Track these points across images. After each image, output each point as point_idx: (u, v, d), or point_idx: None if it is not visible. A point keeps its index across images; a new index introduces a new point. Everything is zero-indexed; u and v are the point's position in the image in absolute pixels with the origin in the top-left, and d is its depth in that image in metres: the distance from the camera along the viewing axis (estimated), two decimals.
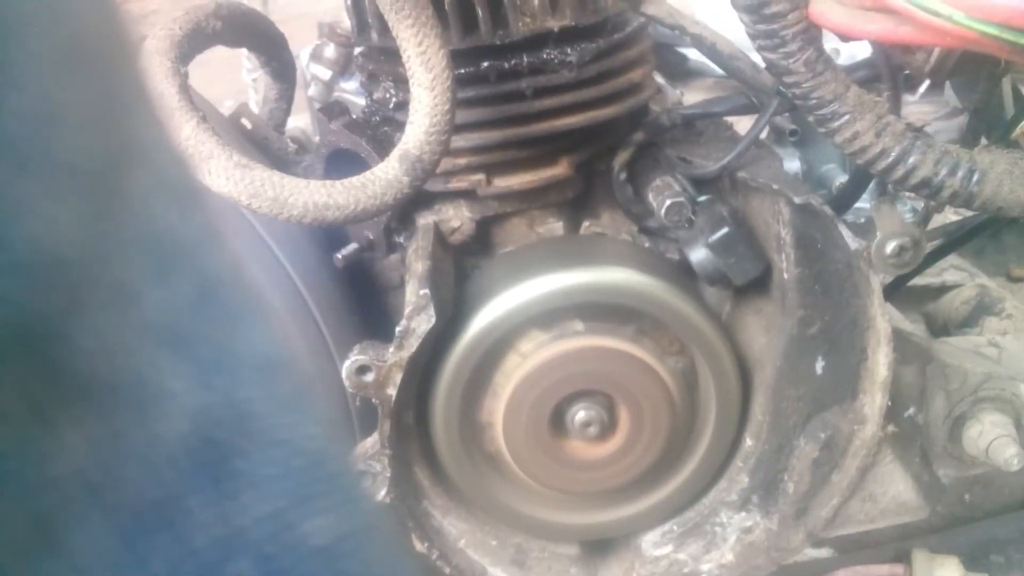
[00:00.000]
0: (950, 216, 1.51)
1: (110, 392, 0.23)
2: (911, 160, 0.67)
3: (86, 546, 0.23)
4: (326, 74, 1.49)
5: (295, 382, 0.28)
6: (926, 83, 1.87)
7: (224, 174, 0.72)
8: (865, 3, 0.61)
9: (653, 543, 1.04)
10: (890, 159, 0.67)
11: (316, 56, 1.50)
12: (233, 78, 2.17)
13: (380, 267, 1.14)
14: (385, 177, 0.75)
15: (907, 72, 0.76)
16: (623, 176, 0.99)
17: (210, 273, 0.26)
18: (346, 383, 0.88)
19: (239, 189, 0.72)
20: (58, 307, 0.21)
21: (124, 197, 0.23)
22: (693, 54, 3.50)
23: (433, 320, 0.86)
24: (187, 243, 0.25)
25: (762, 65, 0.76)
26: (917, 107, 2.12)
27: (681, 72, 3.44)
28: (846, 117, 0.66)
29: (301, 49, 1.56)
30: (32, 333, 0.21)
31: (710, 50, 0.91)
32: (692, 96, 1.31)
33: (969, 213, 1.25)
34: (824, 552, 1.35)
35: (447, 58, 0.75)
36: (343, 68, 1.50)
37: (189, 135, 0.73)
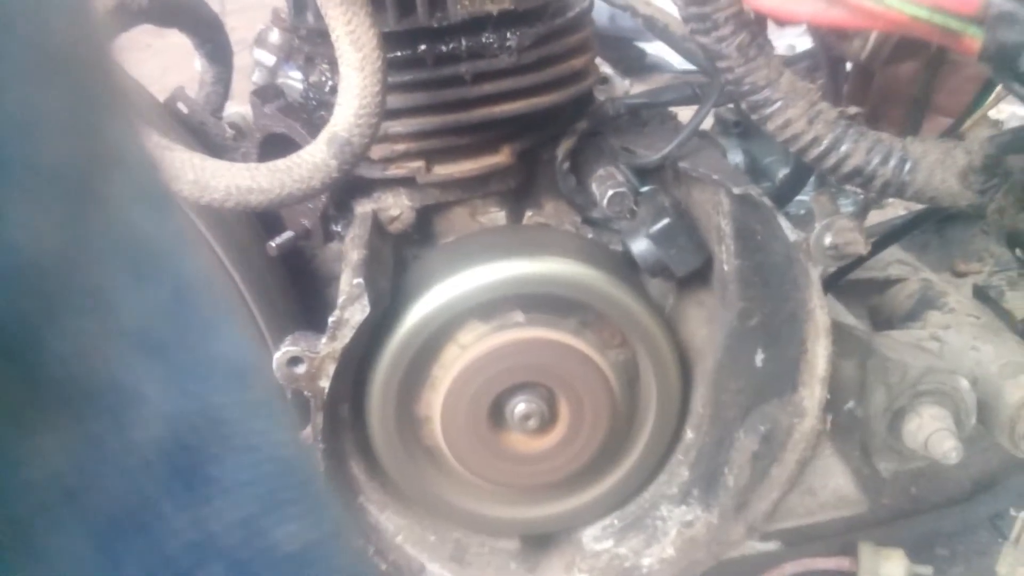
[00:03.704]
0: (899, 211, 1.52)
1: (85, 397, 0.22)
2: (843, 148, 0.66)
3: (61, 550, 0.23)
4: (270, 59, 1.45)
5: (266, 388, 0.28)
6: None
7: None
8: None
9: (594, 537, 1.02)
10: (822, 147, 0.66)
11: (260, 41, 1.46)
12: (188, 66, 2.13)
13: (321, 258, 1.11)
14: (312, 160, 0.72)
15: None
16: (566, 166, 0.98)
17: (184, 278, 0.26)
18: (277, 375, 0.85)
19: None
20: (33, 312, 0.21)
21: (99, 202, 0.23)
22: (652, 48, 3.51)
23: (367, 310, 0.84)
24: (161, 248, 0.25)
25: None
26: None
27: (640, 66, 3.45)
28: (778, 103, 0.65)
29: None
30: (7, 338, 0.21)
31: (662, 32, 0.90)
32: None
33: (915, 208, 1.25)
34: (772, 546, 1.35)
35: (378, 37, 0.72)
36: (288, 54, 1.46)
37: None
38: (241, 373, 0.27)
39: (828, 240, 0.84)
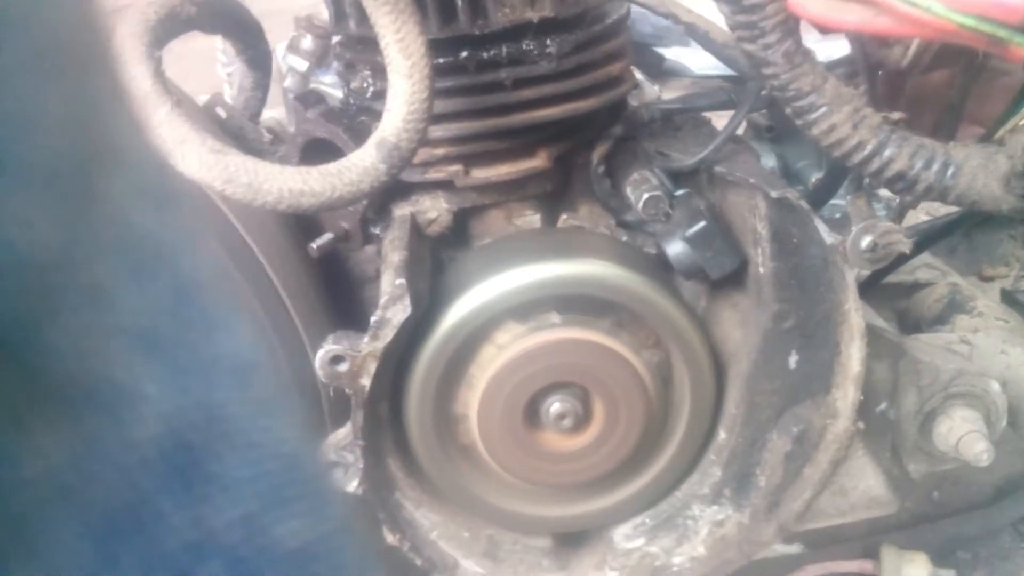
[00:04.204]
0: (920, 216, 1.53)
1: (84, 395, 0.22)
2: (887, 153, 0.67)
3: (59, 548, 0.23)
4: (303, 65, 1.47)
5: (270, 385, 0.28)
6: None
7: (198, 159, 0.71)
8: None
9: (625, 536, 1.04)
10: (866, 152, 0.67)
11: (293, 47, 1.48)
12: (208, 72, 2.15)
13: (355, 260, 1.13)
14: (362, 164, 0.74)
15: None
16: (601, 169, 0.99)
17: (186, 276, 0.26)
18: (319, 372, 0.87)
19: (213, 174, 0.71)
20: (32, 309, 0.21)
21: (99, 199, 0.23)
22: (670, 54, 3.51)
23: (408, 310, 0.85)
24: (163, 246, 0.25)
25: None
26: None
27: (658, 72, 3.46)
28: (823, 109, 0.66)
29: (277, 44, 1.55)
30: (5, 335, 0.21)
31: (703, 38, 0.91)
32: (668, 96, 1.31)
33: (943, 212, 1.26)
34: (794, 548, 1.36)
35: (425, 45, 0.74)
36: (320, 60, 1.48)
37: (162, 119, 0.71)
38: (244, 370, 0.27)
39: (865, 243, 0.85)
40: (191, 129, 0.72)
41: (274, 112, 1.43)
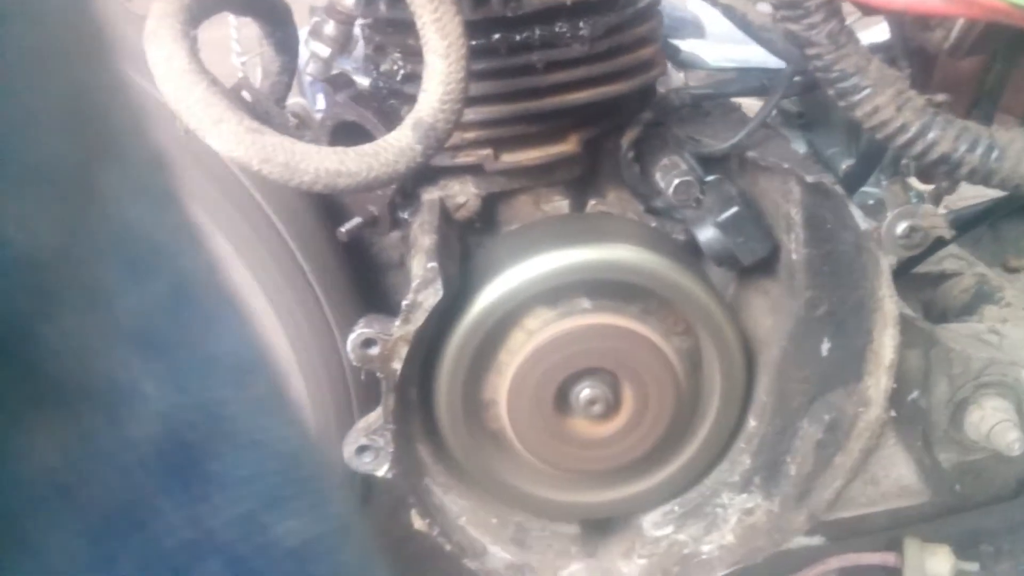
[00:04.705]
0: (939, 209, 1.51)
1: (81, 394, 0.22)
2: (931, 135, 0.67)
3: (56, 546, 0.22)
4: (325, 51, 1.47)
5: (270, 384, 0.27)
6: None
7: (235, 138, 0.71)
8: None
9: (654, 523, 1.03)
10: (910, 134, 0.67)
11: (315, 33, 1.47)
12: (223, 60, 2.15)
13: (380, 246, 1.13)
14: (398, 145, 0.73)
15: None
16: (631, 155, 0.99)
17: (185, 274, 0.25)
18: (351, 356, 0.87)
19: (250, 154, 0.71)
20: (28, 308, 0.21)
21: (97, 198, 0.23)
22: (685, 46, 3.50)
23: (440, 294, 0.85)
24: (162, 244, 0.25)
25: None
26: None
27: (673, 63, 3.45)
28: (867, 90, 0.66)
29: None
30: (2, 334, 0.20)
31: (740, 20, 0.90)
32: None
33: (971, 201, 1.25)
34: (816, 540, 1.36)
35: (462, 25, 0.74)
36: (342, 46, 1.47)
37: (199, 98, 0.71)
38: (244, 369, 0.26)
39: (900, 229, 0.85)
40: (228, 108, 0.71)
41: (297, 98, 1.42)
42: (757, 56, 2.15)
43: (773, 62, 1.78)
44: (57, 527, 0.22)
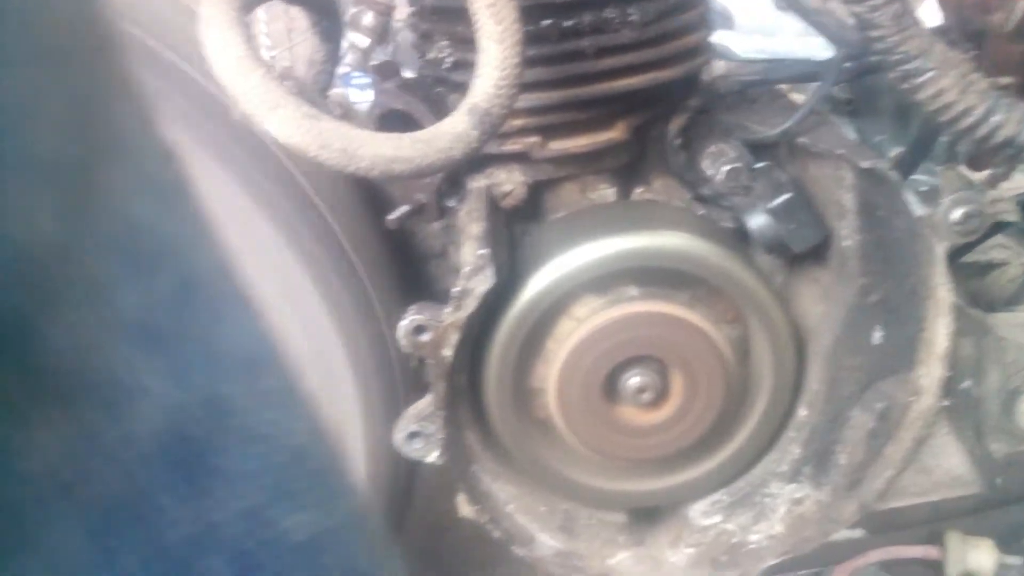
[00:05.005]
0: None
1: (83, 389, 0.22)
2: (995, 119, 0.66)
3: (58, 542, 0.22)
4: (364, 42, 1.47)
5: (280, 378, 0.27)
6: None
7: (292, 124, 0.71)
8: None
9: (702, 512, 1.03)
10: (974, 117, 0.66)
11: (354, 24, 1.48)
12: None
13: (421, 235, 1.13)
14: (453, 131, 0.73)
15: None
16: (678, 142, 0.98)
17: (191, 269, 0.25)
18: (402, 343, 0.87)
19: (307, 140, 0.71)
20: (31, 303, 0.21)
21: (101, 193, 0.22)
22: (714, 37, 3.49)
23: (492, 280, 0.85)
24: (167, 239, 0.24)
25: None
26: None
27: None
28: (931, 73, 0.65)
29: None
30: (4, 329, 0.20)
31: (794, 3, 0.90)
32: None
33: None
34: (856, 533, 1.34)
35: (517, 10, 0.73)
36: (381, 36, 1.48)
37: (256, 84, 0.71)
38: (252, 363, 0.26)
39: (956, 215, 0.83)
40: (285, 94, 0.72)
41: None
42: (786, 47, 2.13)
43: (802, 53, 1.77)
44: (59, 523, 0.22)
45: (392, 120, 0.98)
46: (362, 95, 1.70)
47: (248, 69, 0.72)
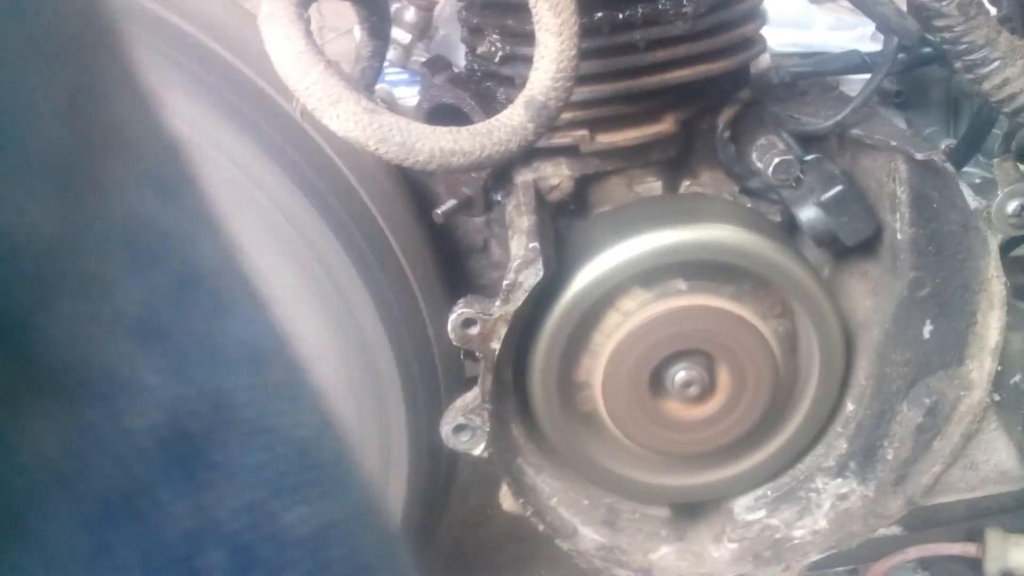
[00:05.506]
0: None
1: (81, 384, 0.22)
2: None
3: (55, 537, 0.22)
4: (405, 38, 1.48)
5: (285, 370, 0.27)
6: None
7: (352, 118, 0.71)
8: None
9: (746, 507, 1.03)
10: None
11: (396, 19, 1.49)
12: None
13: (464, 229, 1.13)
14: (510, 124, 0.74)
15: None
16: (727, 135, 0.98)
17: (193, 263, 0.25)
18: (451, 335, 0.87)
19: (367, 134, 0.71)
20: (28, 297, 0.21)
21: (100, 186, 0.22)
22: None
23: (541, 274, 0.85)
24: (168, 233, 0.24)
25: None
26: None
27: None
28: (997, 63, 0.64)
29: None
30: (1, 323, 0.20)
31: None
32: None
33: None
34: (895, 530, 1.34)
35: (575, 3, 0.73)
36: (423, 32, 1.49)
37: (316, 79, 0.72)
38: (255, 357, 0.26)
39: (1012, 207, 0.83)
40: (344, 88, 0.72)
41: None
42: (820, 40, 2.11)
43: (835, 46, 1.75)
44: (56, 518, 0.22)
45: (439, 114, 0.98)
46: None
47: (309, 64, 0.72)
